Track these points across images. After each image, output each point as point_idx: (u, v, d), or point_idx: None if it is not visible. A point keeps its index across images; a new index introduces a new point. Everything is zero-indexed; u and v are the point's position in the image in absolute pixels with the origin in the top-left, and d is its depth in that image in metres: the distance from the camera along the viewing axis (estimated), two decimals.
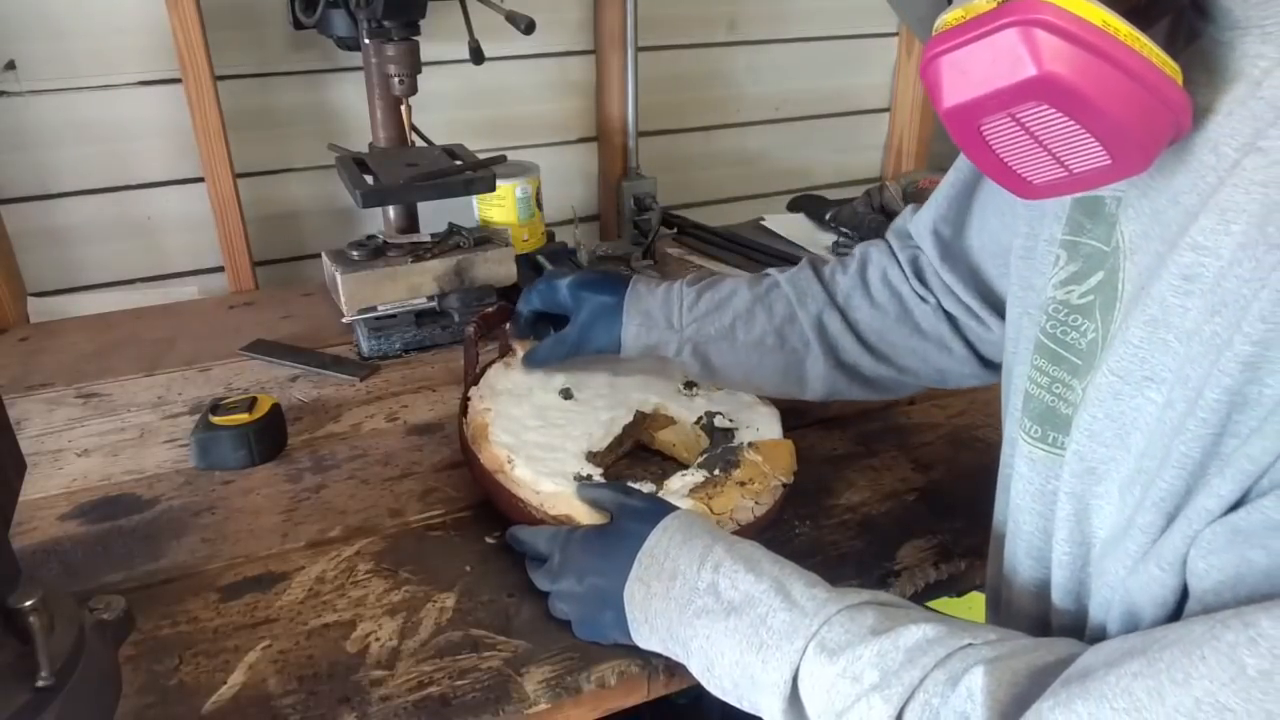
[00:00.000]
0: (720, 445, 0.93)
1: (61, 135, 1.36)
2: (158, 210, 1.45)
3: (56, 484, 0.97)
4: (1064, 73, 0.44)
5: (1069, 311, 0.60)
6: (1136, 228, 0.54)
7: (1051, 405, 0.61)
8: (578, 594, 0.74)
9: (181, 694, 0.71)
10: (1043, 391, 0.62)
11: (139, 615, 0.76)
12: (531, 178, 1.47)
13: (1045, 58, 0.44)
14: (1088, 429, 0.55)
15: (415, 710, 0.69)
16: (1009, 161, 0.50)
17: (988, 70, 0.46)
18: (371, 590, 0.81)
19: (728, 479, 0.88)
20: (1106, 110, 0.44)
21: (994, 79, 0.45)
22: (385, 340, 1.24)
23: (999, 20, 0.45)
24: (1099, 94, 0.44)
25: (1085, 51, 0.43)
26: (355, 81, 1.44)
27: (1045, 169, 0.49)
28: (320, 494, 0.95)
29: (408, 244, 1.28)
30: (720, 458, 0.91)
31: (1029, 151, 0.48)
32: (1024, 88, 0.45)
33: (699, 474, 0.89)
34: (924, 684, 0.52)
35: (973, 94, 0.46)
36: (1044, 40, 0.44)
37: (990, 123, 0.48)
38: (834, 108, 1.90)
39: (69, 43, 1.32)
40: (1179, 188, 0.50)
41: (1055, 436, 0.61)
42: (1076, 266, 0.60)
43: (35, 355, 1.26)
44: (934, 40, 0.48)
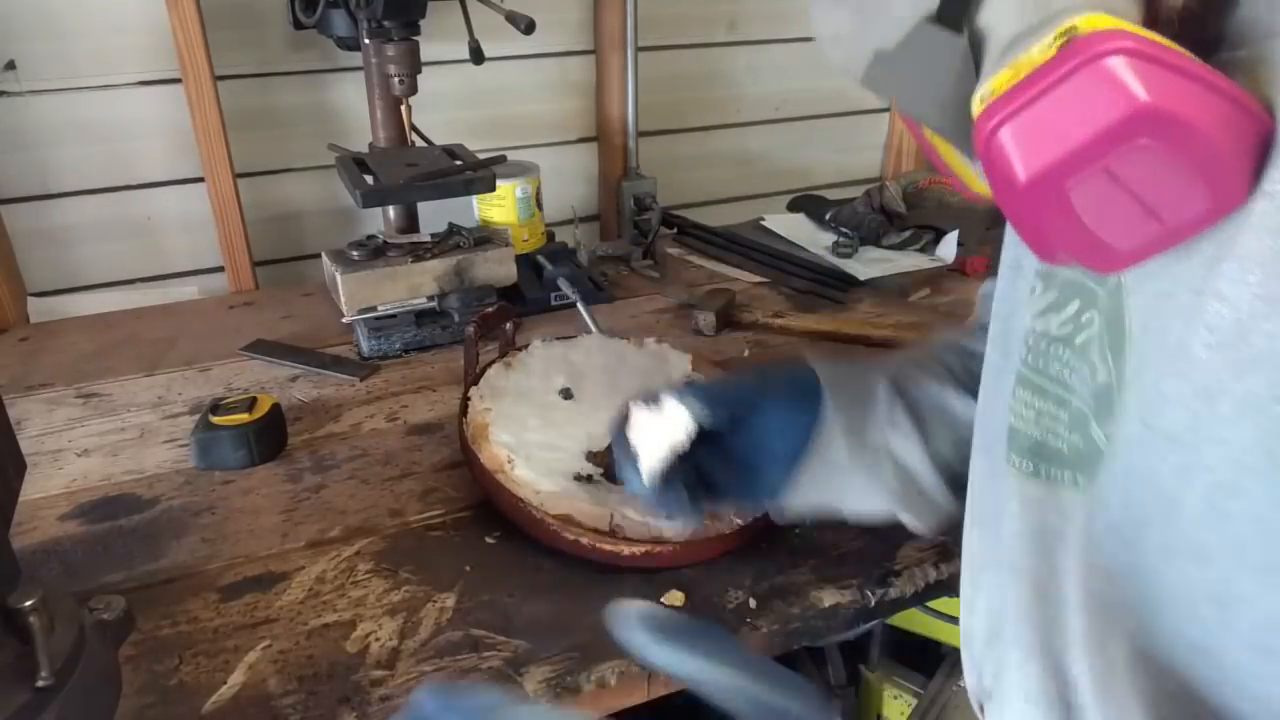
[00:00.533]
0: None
1: (62, 135, 1.36)
2: (158, 210, 1.45)
3: (56, 484, 0.97)
4: (1166, 102, 0.39)
5: (1050, 342, 0.57)
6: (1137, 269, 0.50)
7: (1041, 439, 0.58)
8: None
9: (181, 694, 0.71)
10: (1029, 425, 0.58)
11: (139, 615, 0.76)
12: (531, 178, 1.47)
13: (1146, 86, 0.39)
14: (1123, 481, 0.51)
15: None
16: (1095, 228, 0.44)
17: (1077, 118, 0.41)
18: (371, 590, 0.81)
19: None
20: (1211, 136, 0.40)
21: (1088, 123, 0.41)
22: (385, 340, 1.24)
23: (1074, 59, 0.41)
24: (1203, 119, 0.40)
25: (1177, 75, 0.40)
26: (355, 81, 1.45)
27: (1135, 227, 0.44)
28: (320, 494, 0.95)
29: (408, 244, 1.28)
30: None
31: (1119, 209, 0.43)
32: (1127, 124, 0.40)
33: None
34: None
35: (1063, 150, 0.42)
36: (1137, 68, 0.39)
37: (1080, 182, 0.42)
38: (834, 108, 1.90)
39: (69, 43, 1.32)
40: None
41: (1049, 470, 0.57)
42: (1053, 295, 0.57)
43: (35, 355, 1.26)
44: (989, 109, 0.43)
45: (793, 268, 1.51)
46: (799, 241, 1.63)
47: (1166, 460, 0.47)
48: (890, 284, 1.48)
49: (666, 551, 0.82)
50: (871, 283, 1.48)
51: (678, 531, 0.82)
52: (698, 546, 0.83)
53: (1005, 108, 0.43)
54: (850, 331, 1.30)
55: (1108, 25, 0.41)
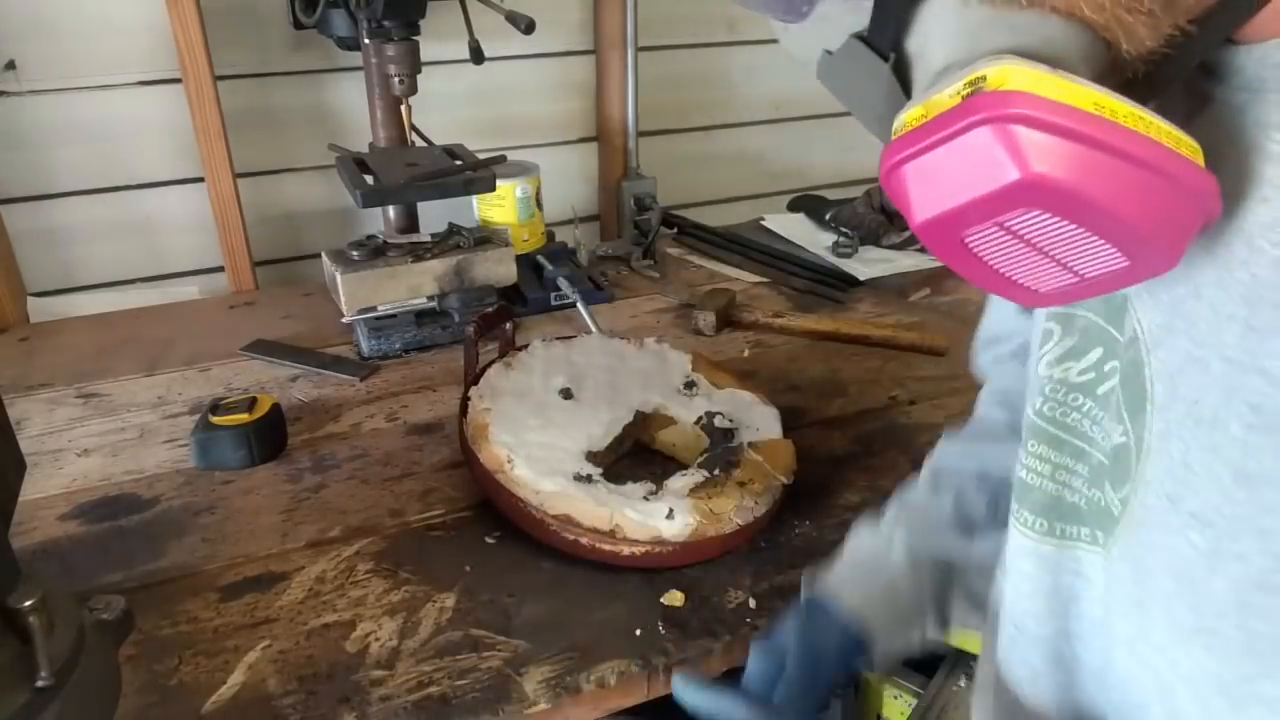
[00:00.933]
0: (720, 445, 0.93)
1: (61, 135, 1.36)
2: (158, 210, 1.45)
3: (56, 484, 0.97)
4: (1054, 172, 0.37)
5: (1068, 391, 0.53)
6: (1157, 318, 0.46)
7: (1056, 495, 0.54)
8: None
9: (181, 694, 0.71)
10: (1044, 480, 0.54)
11: (139, 615, 0.76)
12: (531, 178, 1.47)
13: (1030, 158, 0.37)
14: (1141, 554, 0.48)
15: (415, 710, 0.69)
16: (1007, 273, 0.43)
17: (962, 177, 0.39)
18: (371, 590, 0.82)
19: (728, 479, 0.88)
20: (1113, 208, 0.37)
21: (971, 187, 0.38)
22: (385, 340, 1.24)
23: (967, 117, 0.38)
24: (1101, 191, 0.37)
25: (1076, 143, 0.36)
26: (355, 81, 1.44)
27: (1052, 276, 0.42)
28: (320, 494, 0.95)
29: (408, 244, 1.28)
30: (720, 458, 0.91)
31: (1028, 260, 0.41)
32: (1009, 194, 0.38)
33: (699, 474, 0.89)
34: None
35: (948, 205, 0.39)
36: (1024, 137, 0.37)
37: (976, 234, 0.41)
38: (834, 107, 1.88)
39: (69, 43, 1.32)
40: (1203, 280, 0.43)
41: (1064, 528, 0.53)
42: (1073, 341, 0.53)
43: (35, 355, 1.26)
44: (894, 145, 0.41)
45: (793, 268, 1.51)
46: (799, 241, 1.63)
47: (1192, 542, 0.44)
48: (890, 284, 1.48)
49: (666, 551, 0.82)
50: (871, 282, 1.48)
51: (677, 532, 0.82)
52: (697, 547, 0.83)
53: (904, 148, 0.40)
54: (850, 331, 1.30)
55: (1015, 84, 0.37)
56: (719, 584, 0.82)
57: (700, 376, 1.05)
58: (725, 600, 0.81)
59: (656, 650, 0.75)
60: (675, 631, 0.77)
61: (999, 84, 0.38)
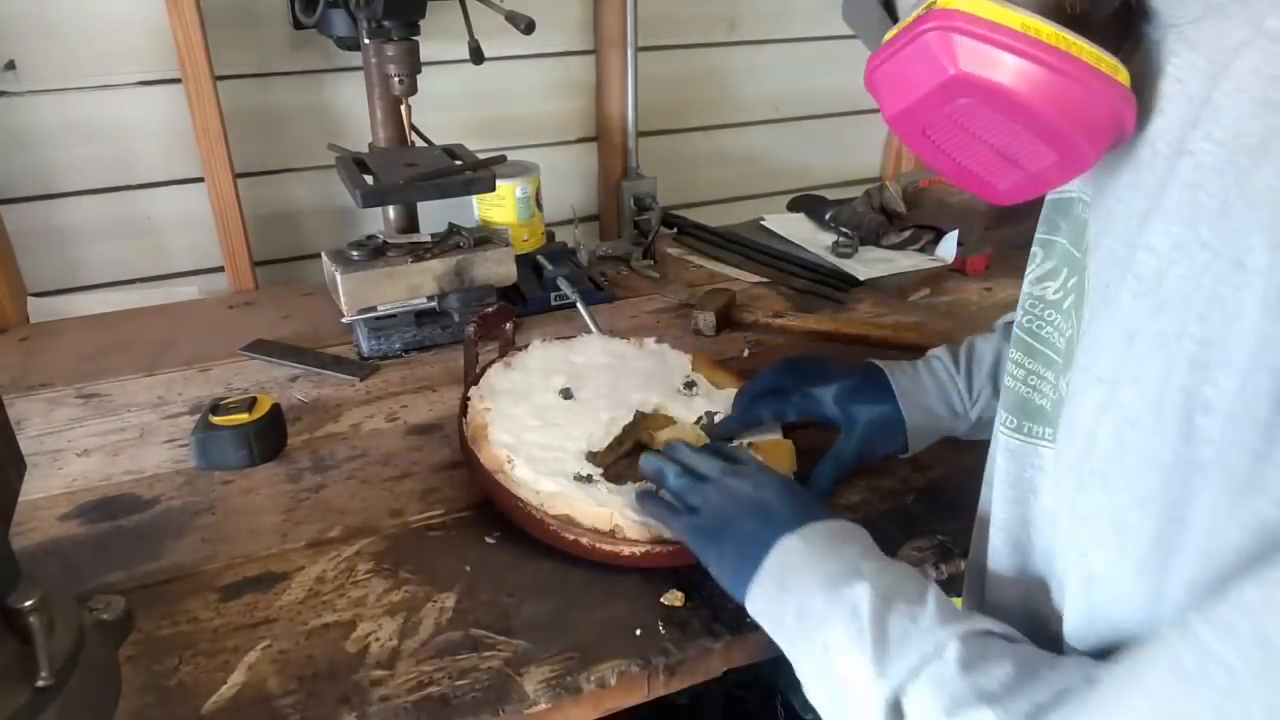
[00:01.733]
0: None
1: (62, 135, 1.36)
2: (158, 210, 1.45)
3: (56, 484, 0.97)
4: (979, 71, 0.46)
5: (1044, 306, 0.61)
6: (1095, 227, 0.55)
7: (1026, 396, 0.62)
8: (731, 501, 0.74)
9: (181, 694, 0.71)
10: (1018, 384, 0.63)
11: (139, 615, 0.76)
12: (531, 178, 1.47)
13: (960, 58, 0.46)
14: (1067, 428, 0.55)
15: (415, 710, 0.69)
16: (964, 163, 0.52)
17: (915, 77, 0.48)
18: (371, 590, 0.82)
19: None
20: (1031, 104, 0.46)
21: (921, 84, 0.48)
22: (385, 340, 1.24)
23: (919, 28, 0.48)
24: (1021, 87, 0.46)
25: (1000, 49, 0.46)
26: (355, 81, 1.45)
27: (1000, 170, 0.51)
28: (320, 494, 0.95)
29: (408, 244, 1.28)
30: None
31: (979, 154, 0.51)
32: (946, 88, 0.47)
33: None
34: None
35: (907, 101, 0.49)
36: (959, 43, 0.46)
37: (934, 129, 0.50)
38: (833, 107, 1.90)
39: (69, 43, 1.32)
40: (1123, 185, 0.51)
41: (1030, 427, 0.62)
42: (1051, 264, 0.61)
43: (35, 355, 1.26)
44: (873, 56, 0.52)
45: (792, 268, 1.51)
46: (799, 241, 1.63)
47: (1094, 399, 0.51)
48: (890, 284, 1.48)
49: (666, 552, 0.82)
50: (871, 283, 1.48)
51: (677, 532, 0.82)
52: None
53: (879, 57, 0.51)
54: (850, 331, 1.30)
55: (957, 4, 0.47)
56: (716, 584, 0.82)
57: (700, 376, 1.05)
58: (726, 600, 0.81)
59: (657, 650, 0.75)
60: (675, 631, 0.77)
61: (946, 4, 0.47)
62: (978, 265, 1.52)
